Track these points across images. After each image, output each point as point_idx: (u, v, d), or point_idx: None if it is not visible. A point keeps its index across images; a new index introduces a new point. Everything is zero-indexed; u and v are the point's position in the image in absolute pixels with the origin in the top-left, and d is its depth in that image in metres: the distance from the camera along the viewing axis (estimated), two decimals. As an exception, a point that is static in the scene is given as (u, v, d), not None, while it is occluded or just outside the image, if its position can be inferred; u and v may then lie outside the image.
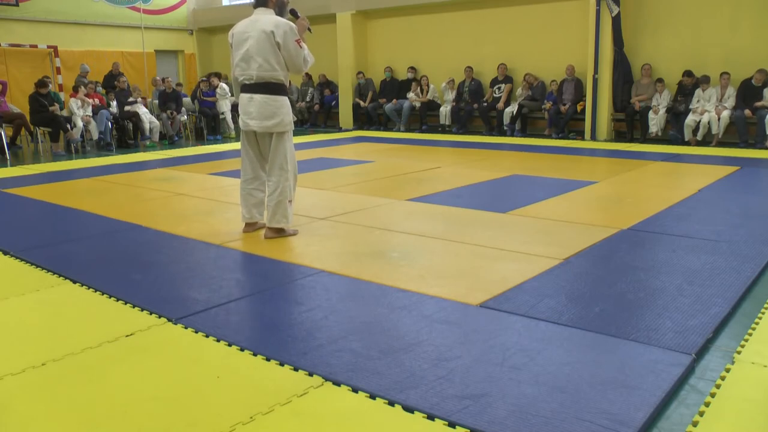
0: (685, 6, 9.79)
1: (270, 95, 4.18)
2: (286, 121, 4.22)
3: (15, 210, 5.65)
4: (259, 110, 4.18)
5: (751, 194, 5.58)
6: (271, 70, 4.14)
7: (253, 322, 2.89)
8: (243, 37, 4.18)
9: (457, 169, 7.38)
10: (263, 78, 4.15)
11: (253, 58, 4.13)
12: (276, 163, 4.25)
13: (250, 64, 4.15)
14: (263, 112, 4.18)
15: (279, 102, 4.20)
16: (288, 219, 4.31)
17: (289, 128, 4.25)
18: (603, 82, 10.29)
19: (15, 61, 13.03)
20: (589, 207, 5.21)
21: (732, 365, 2.37)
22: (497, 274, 3.46)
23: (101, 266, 3.82)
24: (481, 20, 11.91)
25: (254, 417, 2.05)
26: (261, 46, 4.10)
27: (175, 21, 15.91)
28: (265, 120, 4.19)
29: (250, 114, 4.22)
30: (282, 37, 4.09)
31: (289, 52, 4.14)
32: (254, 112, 4.20)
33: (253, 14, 4.24)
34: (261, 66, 4.12)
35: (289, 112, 4.25)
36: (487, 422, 1.98)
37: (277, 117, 4.19)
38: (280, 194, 4.24)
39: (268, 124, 4.19)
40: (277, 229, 4.31)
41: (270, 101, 4.18)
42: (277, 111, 4.18)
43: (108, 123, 10.72)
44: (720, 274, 3.39)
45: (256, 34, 4.11)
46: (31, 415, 2.12)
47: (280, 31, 4.09)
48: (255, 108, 4.19)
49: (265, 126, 4.20)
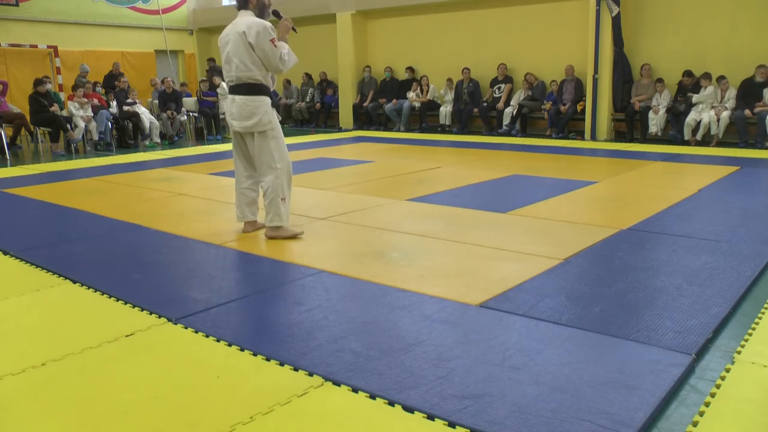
0: (685, 6, 9.79)
1: (248, 96, 4.21)
2: (264, 120, 4.22)
3: (15, 210, 5.65)
4: (239, 111, 4.23)
5: (751, 194, 5.57)
6: (246, 71, 4.17)
7: (253, 322, 2.89)
8: (225, 40, 4.26)
9: (457, 169, 7.38)
10: (241, 79, 4.20)
11: (232, 60, 4.20)
12: (264, 163, 4.27)
13: (230, 65, 4.22)
14: (242, 113, 4.22)
15: (257, 102, 4.22)
16: (282, 217, 4.31)
17: (268, 127, 4.23)
18: (603, 82, 10.29)
19: (15, 61, 13.03)
20: (589, 207, 5.21)
21: (732, 365, 2.37)
22: (497, 274, 3.46)
23: (101, 266, 3.82)
24: (481, 20, 11.92)
25: (254, 417, 2.05)
26: (237, 47, 4.16)
27: (175, 21, 15.91)
28: (244, 120, 4.23)
29: (233, 114, 4.28)
30: (254, 38, 4.10)
31: (264, 52, 4.15)
32: (235, 112, 4.26)
33: (237, 17, 4.27)
34: (238, 67, 4.18)
35: (268, 112, 4.24)
36: (487, 422, 1.98)
37: (255, 117, 4.21)
38: (272, 192, 4.27)
39: (247, 124, 4.22)
40: (274, 227, 4.32)
41: (248, 102, 4.21)
42: (255, 111, 4.20)
43: (108, 123, 10.72)
44: (720, 274, 3.39)
45: (233, 36, 4.17)
46: (31, 415, 2.12)
47: (252, 31, 4.11)
48: (236, 109, 4.24)
49: (245, 126, 4.24)
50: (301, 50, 14.72)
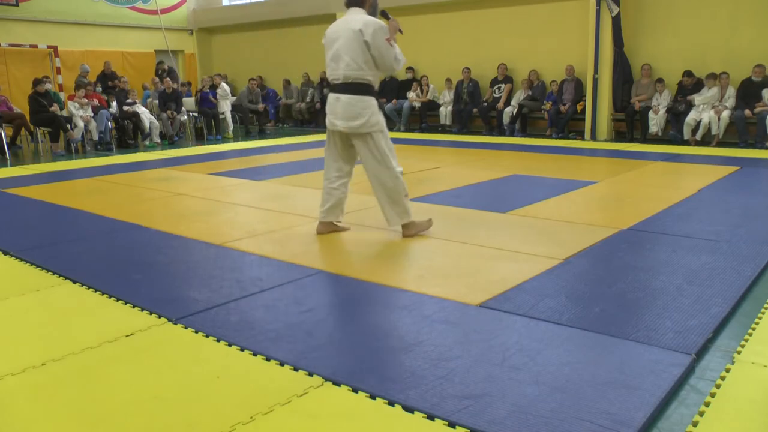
0: (685, 6, 9.79)
1: (356, 96, 4.09)
2: (372, 121, 4.12)
3: (15, 210, 5.65)
4: (345, 110, 4.11)
5: (751, 194, 5.57)
6: (357, 70, 4.06)
7: (253, 322, 2.89)
8: (334, 37, 4.13)
9: (457, 169, 7.38)
10: (349, 77, 4.08)
11: (341, 57, 4.07)
12: (381, 163, 4.17)
13: (338, 63, 4.09)
14: (348, 113, 4.10)
15: (364, 102, 4.11)
16: (410, 213, 4.26)
17: (377, 128, 4.15)
18: (603, 82, 10.29)
19: (15, 61, 13.03)
20: (589, 207, 5.21)
21: (732, 365, 2.37)
22: (497, 274, 3.46)
23: (101, 266, 3.82)
24: (481, 20, 11.92)
25: (254, 417, 2.05)
26: (349, 45, 4.03)
27: (175, 21, 15.91)
28: (350, 120, 4.11)
29: (336, 114, 4.16)
30: (371, 36, 4.01)
31: (379, 51, 4.05)
32: (340, 112, 4.13)
33: (345, 14, 4.19)
34: (348, 65, 4.05)
35: (376, 112, 4.15)
36: (487, 422, 1.98)
37: (363, 117, 4.10)
38: (395, 193, 4.20)
39: (354, 124, 4.11)
40: (407, 225, 4.25)
41: (356, 101, 4.09)
42: (362, 111, 4.10)
43: (108, 123, 10.72)
44: (720, 274, 3.39)
45: (345, 33, 4.06)
46: (31, 415, 2.12)
47: (369, 30, 4.02)
48: (341, 108, 4.12)
49: (351, 126, 4.12)
50: (301, 50, 14.79)
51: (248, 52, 15.96)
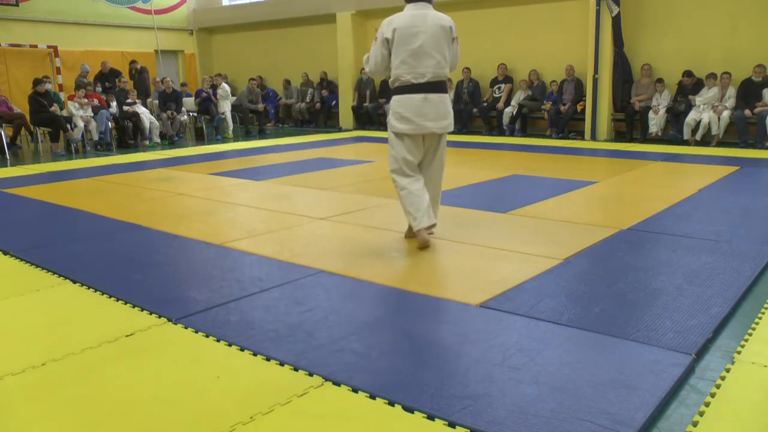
0: (685, 6, 9.79)
1: (443, 94, 3.95)
2: (452, 120, 4.05)
3: (15, 210, 5.65)
4: (437, 110, 3.90)
5: (751, 194, 5.57)
6: (444, 67, 3.92)
7: (253, 322, 2.89)
8: (413, 32, 3.83)
9: (457, 169, 7.38)
10: (438, 76, 3.89)
11: (430, 55, 3.83)
12: (442, 161, 4.14)
13: (422, 61, 3.83)
14: (440, 113, 3.92)
15: (448, 101, 4.02)
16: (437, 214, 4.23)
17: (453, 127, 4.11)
18: (603, 82, 10.30)
19: (15, 61, 13.04)
20: (589, 207, 5.21)
21: (732, 365, 2.37)
22: (497, 274, 3.46)
23: (101, 266, 3.82)
24: (481, 20, 11.91)
25: (254, 417, 2.05)
26: (438, 42, 3.83)
27: (175, 21, 15.91)
28: (441, 120, 3.94)
29: (427, 116, 3.89)
30: (456, 34, 3.95)
31: (455, 49, 3.98)
32: (431, 113, 3.88)
33: (409, 8, 3.94)
34: (439, 63, 3.86)
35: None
36: (487, 422, 1.98)
37: (450, 116, 4.00)
38: (439, 191, 4.20)
39: (444, 123, 3.96)
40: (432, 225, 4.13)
41: (445, 100, 3.96)
42: (449, 110, 4.00)
43: (108, 123, 10.72)
44: (720, 274, 3.39)
45: (430, 29, 3.82)
46: (31, 415, 2.12)
47: (455, 27, 3.92)
48: (432, 109, 3.88)
49: (442, 126, 3.95)
50: (301, 50, 14.79)
51: (248, 52, 15.96)
